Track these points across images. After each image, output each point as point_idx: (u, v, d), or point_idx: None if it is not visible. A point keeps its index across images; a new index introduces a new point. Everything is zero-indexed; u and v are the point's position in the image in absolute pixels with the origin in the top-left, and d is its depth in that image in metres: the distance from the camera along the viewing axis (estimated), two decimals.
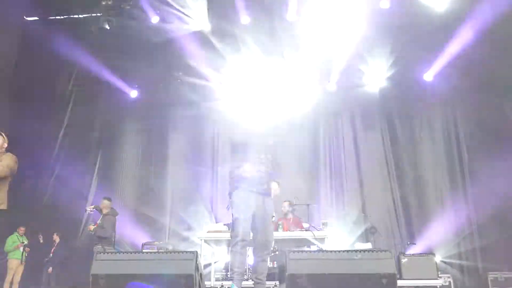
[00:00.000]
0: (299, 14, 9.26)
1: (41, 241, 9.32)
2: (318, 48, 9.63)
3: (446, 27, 8.91)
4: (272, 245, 3.78)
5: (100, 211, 7.26)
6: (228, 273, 6.50)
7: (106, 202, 7.33)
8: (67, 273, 9.09)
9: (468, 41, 8.64)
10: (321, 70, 9.83)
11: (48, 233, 9.38)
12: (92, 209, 7.36)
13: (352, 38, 9.09)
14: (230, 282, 3.68)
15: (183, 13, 9.38)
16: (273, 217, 3.73)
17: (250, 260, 5.30)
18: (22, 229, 9.01)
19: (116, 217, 7.36)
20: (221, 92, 9.95)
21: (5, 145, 4.48)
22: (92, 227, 6.94)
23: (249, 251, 4.93)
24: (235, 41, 9.58)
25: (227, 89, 9.76)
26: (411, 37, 9.17)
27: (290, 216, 7.14)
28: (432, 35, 9.06)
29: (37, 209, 9.69)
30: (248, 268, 6.39)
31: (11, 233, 8.82)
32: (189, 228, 9.21)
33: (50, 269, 9.02)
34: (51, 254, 9.18)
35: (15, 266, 8.74)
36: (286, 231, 6.32)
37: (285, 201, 7.30)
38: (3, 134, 4.53)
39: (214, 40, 9.77)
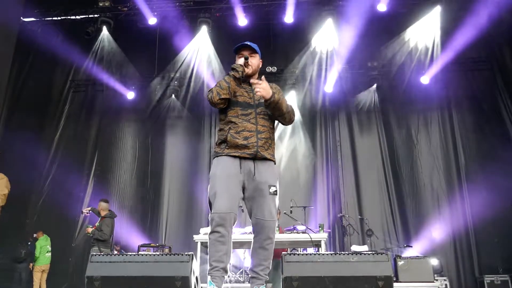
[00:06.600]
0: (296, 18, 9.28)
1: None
2: (316, 51, 9.68)
3: (442, 30, 8.98)
4: (274, 228, 2.83)
5: (98, 213, 7.19)
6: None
7: (103, 204, 7.24)
8: (62, 275, 9.05)
9: (464, 44, 8.68)
10: (319, 73, 9.85)
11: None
12: (88, 211, 7.29)
13: (349, 41, 9.13)
14: (228, 285, 3.12)
15: (181, 14, 9.39)
16: (274, 189, 2.82)
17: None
18: (41, 233, 8.86)
19: (114, 219, 7.31)
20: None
21: None
22: (90, 230, 6.86)
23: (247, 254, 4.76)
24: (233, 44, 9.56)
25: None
26: (407, 40, 9.24)
27: None
28: (428, 38, 9.12)
29: (33, 211, 9.65)
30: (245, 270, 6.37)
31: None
32: (186, 230, 9.18)
33: None
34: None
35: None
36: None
37: None
38: None
39: (213, 43, 9.80)
